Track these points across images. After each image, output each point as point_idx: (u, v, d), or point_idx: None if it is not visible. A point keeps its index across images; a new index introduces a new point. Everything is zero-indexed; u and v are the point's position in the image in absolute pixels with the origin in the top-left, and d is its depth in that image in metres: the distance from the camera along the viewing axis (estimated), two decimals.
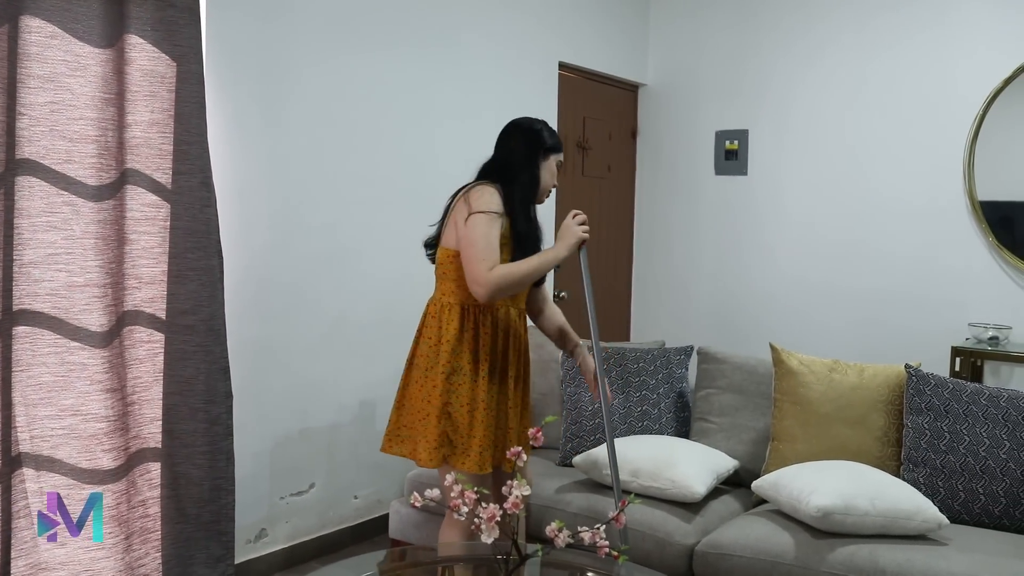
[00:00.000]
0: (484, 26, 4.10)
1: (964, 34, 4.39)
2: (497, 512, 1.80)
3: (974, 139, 4.35)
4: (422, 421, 2.53)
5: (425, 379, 2.55)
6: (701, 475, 2.81)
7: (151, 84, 2.77)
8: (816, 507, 2.50)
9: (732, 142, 4.99)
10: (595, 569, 2.10)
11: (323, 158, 3.43)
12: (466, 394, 2.51)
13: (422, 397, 2.54)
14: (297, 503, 3.41)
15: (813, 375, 2.99)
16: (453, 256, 2.57)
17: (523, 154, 2.63)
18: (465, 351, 2.52)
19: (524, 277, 2.48)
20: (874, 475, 2.67)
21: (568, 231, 2.54)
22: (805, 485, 2.60)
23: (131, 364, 2.83)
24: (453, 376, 2.51)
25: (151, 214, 2.82)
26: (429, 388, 2.53)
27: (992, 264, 4.37)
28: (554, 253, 2.52)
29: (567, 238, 2.53)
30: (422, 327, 2.63)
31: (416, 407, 2.55)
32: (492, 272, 2.43)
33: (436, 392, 2.51)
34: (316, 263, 3.42)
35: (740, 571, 2.55)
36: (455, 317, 2.54)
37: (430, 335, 2.57)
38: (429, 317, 2.62)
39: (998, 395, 2.85)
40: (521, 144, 2.65)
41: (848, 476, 2.63)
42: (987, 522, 2.74)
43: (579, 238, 2.53)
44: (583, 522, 2.53)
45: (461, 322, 2.54)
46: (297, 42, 3.30)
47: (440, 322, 2.56)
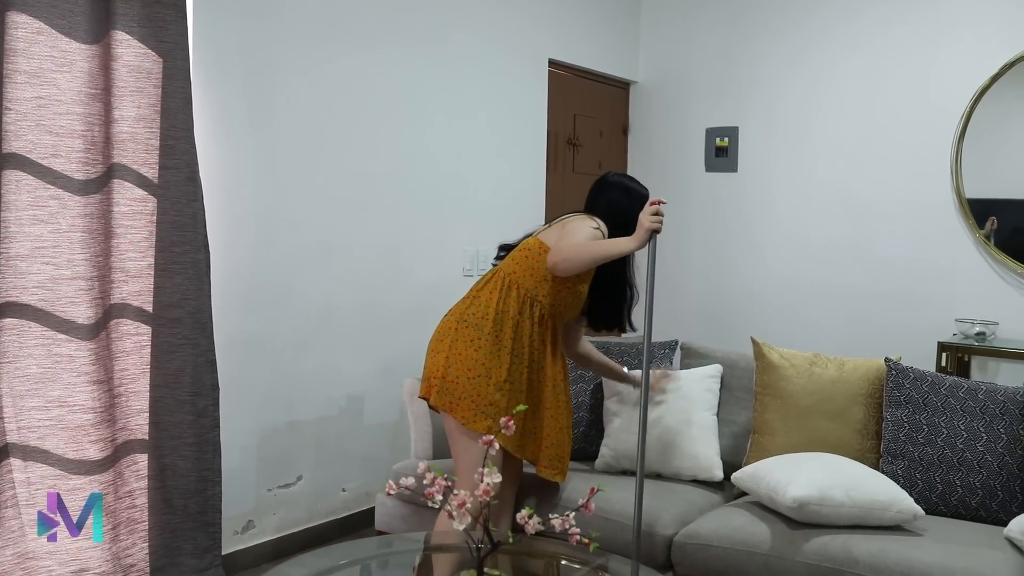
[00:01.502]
0: (473, 24, 4.13)
1: (951, 31, 4.41)
2: (467, 499, 1.83)
3: (961, 136, 4.37)
4: (471, 382, 2.61)
5: (479, 340, 2.64)
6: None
7: (137, 80, 2.80)
8: (792, 498, 2.53)
9: (722, 139, 5.02)
10: (569, 557, 2.13)
11: (311, 154, 3.46)
12: (523, 378, 2.67)
13: (476, 359, 2.63)
14: (284, 495, 3.44)
15: (794, 368, 3.02)
16: (542, 250, 2.67)
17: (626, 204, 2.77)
18: (523, 336, 2.66)
19: (595, 252, 2.57)
20: (851, 467, 2.69)
21: (640, 223, 2.56)
22: (782, 476, 2.62)
23: (118, 356, 2.86)
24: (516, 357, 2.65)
25: (138, 208, 2.86)
26: (485, 354, 2.62)
27: (979, 260, 4.39)
28: (625, 243, 2.57)
29: (639, 231, 2.55)
30: (479, 290, 2.75)
31: (465, 365, 2.63)
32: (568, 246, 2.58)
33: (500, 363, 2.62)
34: (303, 258, 3.45)
35: (717, 561, 2.57)
36: (515, 299, 2.67)
37: (489, 300, 2.68)
38: (490, 283, 2.72)
39: (976, 388, 2.87)
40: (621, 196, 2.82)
41: (825, 468, 2.65)
42: (964, 514, 2.76)
43: (648, 229, 2.54)
44: (556, 510, 2.54)
45: (520, 305, 2.67)
46: (285, 39, 3.33)
47: (504, 295, 2.68)
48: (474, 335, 2.65)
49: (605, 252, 2.58)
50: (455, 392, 2.63)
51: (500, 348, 2.63)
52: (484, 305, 2.68)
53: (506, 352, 2.63)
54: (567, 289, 2.69)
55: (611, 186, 2.83)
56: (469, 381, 2.62)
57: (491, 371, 2.61)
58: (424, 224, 3.94)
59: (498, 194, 4.32)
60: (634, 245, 2.56)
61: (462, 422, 2.60)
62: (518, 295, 2.68)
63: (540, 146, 4.58)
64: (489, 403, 2.59)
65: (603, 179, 2.88)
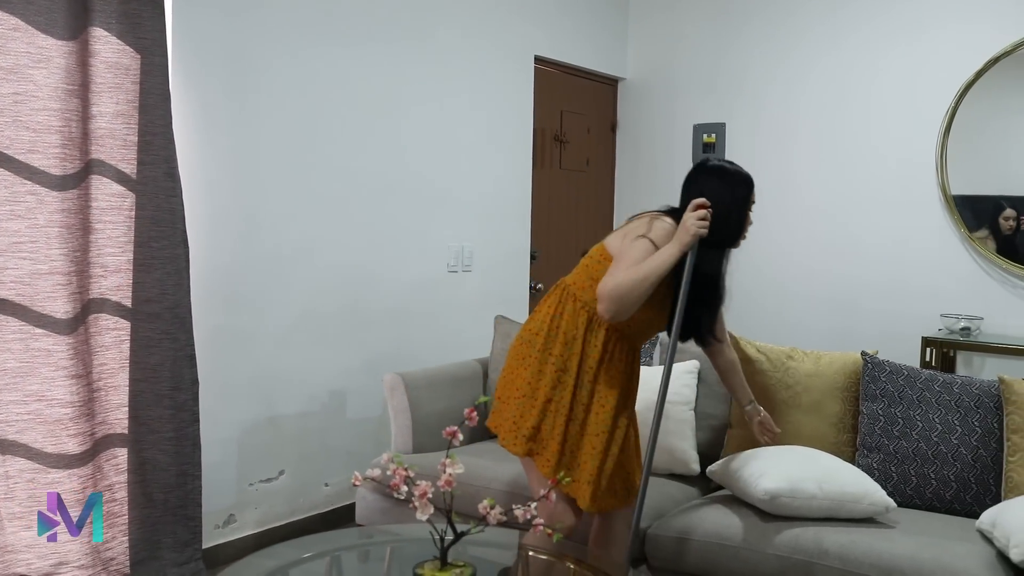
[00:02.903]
0: (457, 20, 4.14)
1: (936, 26, 4.42)
2: (429, 489, 1.84)
3: (947, 132, 4.38)
4: (517, 402, 2.41)
5: (529, 357, 2.43)
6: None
7: (115, 76, 2.82)
8: (764, 490, 2.54)
9: (710, 135, 5.03)
10: (534, 548, 2.14)
11: (293, 150, 3.47)
12: (567, 398, 2.39)
13: (524, 377, 2.43)
14: (266, 489, 3.46)
15: (770, 362, 3.03)
16: (603, 258, 2.42)
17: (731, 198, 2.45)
18: (578, 353, 2.40)
19: (636, 284, 2.26)
20: (825, 460, 2.70)
21: (683, 227, 2.29)
22: (755, 469, 2.64)
23: (97, 351, 2.88)
24: (563, 374, 2.40)
25: (116, 203, 2.87)
26: (532, 373, 2.41)
27: (964, 256, 4.40)
28: (668, 253, 2.29)
29: (681, 235, 2.28)
30: (541, 303, 2.53)
31: (515, 384, 2.44)
32: (604, 285, 2.29)
33: (544, 381, 2.39)
34: (285, 253, 3.46)
35: (690, 553, 2.59)
36: (571, 312, 2.42)
37: (546, 313, 2.46)
38: (551, 295, 2.50)
39: (951, 382, 2.88)
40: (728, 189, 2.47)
41: (798, 461, 2.66)
42: (938, 506, 2.77)
43: (694, 235, 2.28)
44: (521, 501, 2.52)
45: (575, 318, 2.42)
46: (267, 35, 3.35)
47: (561, 308, 2.44)
48: (526, 352, 2.44)
49: (653, 275, 2.27)
50: (504, 412, 2.44)
51: (548, 366, 2.39)
52: (540, 320, 2.46)
53: (554, 370, 2.39)
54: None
55: (708, 173, 2.47)
56: (515, 401, 2.42)
57: (536, 391, 2.39)
58: (408, 220, 3.96)
59: (483, 190, 4.33)
60: (677, 251, 2.28)
61: (503, 444, 2.42)
62: (574, 308, 2.42)
63: (526, 143, 4.59)
64: (532, 426, 2.38)
65: (699, 165, 2.52)
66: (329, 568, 2.17)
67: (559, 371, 2.39)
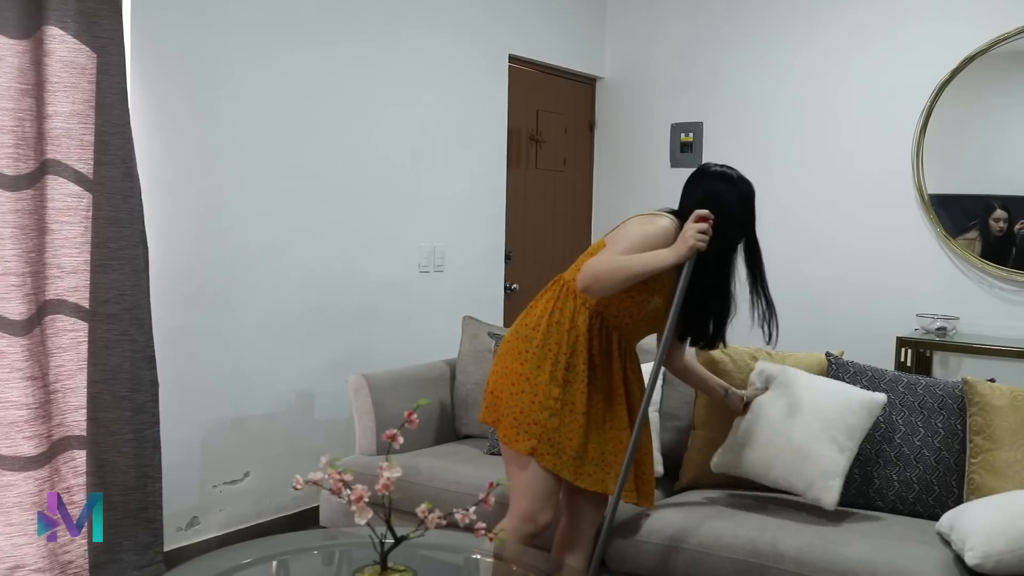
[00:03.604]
0: (428, 18, 4.11)
1: (912, 24, 4.40)
2: (367, 493, 1.82)
3: (922, 131, 4.36)
4: (514, 398, 2.39)
5: (526, 353, 2.40)
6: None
7: (71, 75, 2.79)
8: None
9: (687, 135, 5.01)
10: (481, 551, 2.12)
11: (258, 149, 3.45)
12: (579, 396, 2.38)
13: (520, 372, 2.40)
14: (231, 491, 3.44)
15: (734, 363, 3.01)
16: (598, 247, 2.43)
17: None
18: (579, 349, 2.38)
19: (617, 270, 2.27)
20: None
21: (683, 237, 2.28)
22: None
23: (54, 352, 2.86)
24: (568, 372, 2.38)
25: (72, 204, 2.85)
26: (530, 368, 2.38)
27: (940, 255, 4.38)
28: (663, 257, 2.28)
29: (679, 245, 2.27)
30: (538, 298, 2.51)
31: (510, 379, 2.41)
32: (590, 263, 2.31)
33: (543, 378, 2.36)
34: (250, 254, 3.44)
35: (645, 556, 2.57)
36: (571, 308, 2.41)
37: (544, 309, 2.44)
38: (549, 290, 2.48)
39: (915, 383, 2.86)
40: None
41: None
42: (901, 509, 2.75)
43: (691, 247, 2.26)
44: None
45: (574, 315, 2.40)
46: (230, 34, 3.32)
47: (560, 304, 2.42)
48: (523, 347, 2.41)
49: (640, 268, 2.27)
50: (499, 408, 2.42)
51: (548, 362, 2.37)
52: (538, 315, 2.44)
53: (555, 366, 2.36)
54: (631, 300, 2.38)
55: (711, 177, 2.46)
56: (512, 397, 2.39)
57: (536, 387, 2.36)
58: (379, 220, 3.93)
59: (456, 190, 4.31)
60: (672, 258, 2.26)
61: (504, 441, 2.39)
62: (574, 304, 2.40)
63: (500, 142, 4.57)
64: (533, 422, 2.35)
65: (701, 169, 2.53)
66: (276, 572, 2.15)
67: (564, 369, 2.37)
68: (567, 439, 2.36)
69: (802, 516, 2.62)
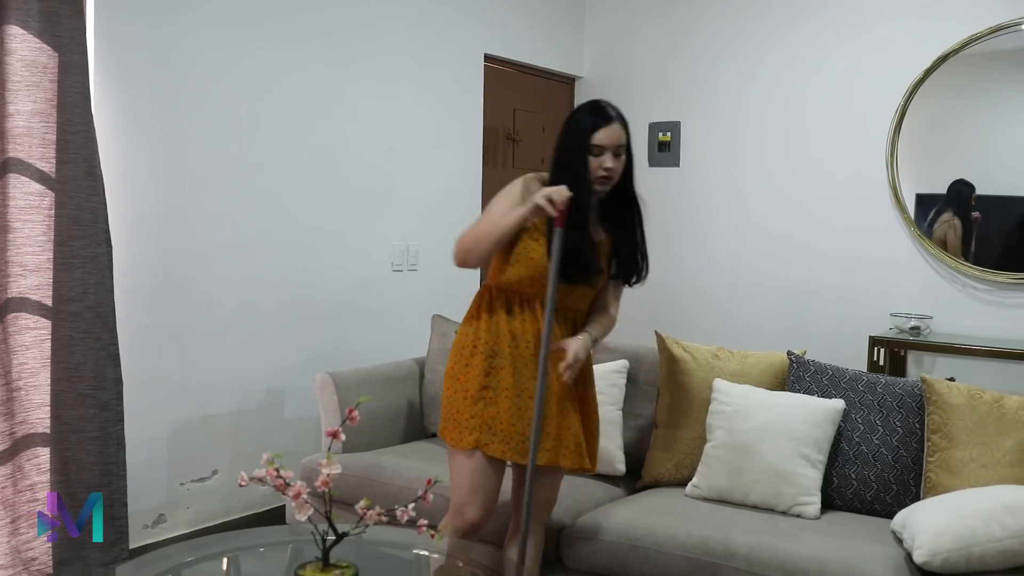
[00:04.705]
0: (401, 17, 4.11)
1: (886, 24, 4.40)
2: (305, 490, 1.83)
3: (896, 131, 4.36)
4: (450, 399, 2.39)
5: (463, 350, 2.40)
6: None
7: (32, 74, 2.80)
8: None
9: (665, 134, 5.02)
10: (420, 546, 2.13)
11: (225, 148, 3.45)
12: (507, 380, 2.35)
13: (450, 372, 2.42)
14: (199, 489, 3.45)
15: (695, 362, 3.02)
16: None
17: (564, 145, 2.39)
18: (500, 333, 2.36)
19: (489, 237, 2.28)
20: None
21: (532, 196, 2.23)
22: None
23: (16, 350, 2.86)
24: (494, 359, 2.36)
25: (35, 202, 2.85)
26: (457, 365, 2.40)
27: (914, 254, 4.38)
28: (514, 214, 2.25)
29: (528, 202, 2.23)
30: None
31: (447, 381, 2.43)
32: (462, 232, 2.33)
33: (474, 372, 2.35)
34: (217, 252, 3.44)
35: (602, 553, 2.58)
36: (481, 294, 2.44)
37: (470, 306, 2.46)
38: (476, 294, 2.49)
39: (875, 382, 2.87)
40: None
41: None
42: (859, 507, 2.76)
43: (534, 205, 2.20)
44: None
45: (483, 299, 2.42)
46: (196, 33, 3.33)
47: (478, 297, 2.45)
48: (455, 352, 2.43)
49: (499, 229, 2.26)
50: (443, 412, 2.43)
51: (476, 357, 2.36)
52: (465, 318, 2.47)
53: (481, 358, 2.35)
54: (517, 258, 2.35)
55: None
56: (448, 399, 2.40)
57: (467, 383, 2.36)
58: (350, 219, 3.94)
59: (430, 189, 4.31)
60: (518, 215, 2.24)
61: (451, 444, 2.38)
62: (490, 295, 2.41)
63: (476, 141, 4.58)
64: (470, 416, 2.33)
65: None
66: (226, 569, 2.16)
67: (489, 357, 2.35)
68: (508, 424, 2.33)
69: (758, 515, 2.64)
